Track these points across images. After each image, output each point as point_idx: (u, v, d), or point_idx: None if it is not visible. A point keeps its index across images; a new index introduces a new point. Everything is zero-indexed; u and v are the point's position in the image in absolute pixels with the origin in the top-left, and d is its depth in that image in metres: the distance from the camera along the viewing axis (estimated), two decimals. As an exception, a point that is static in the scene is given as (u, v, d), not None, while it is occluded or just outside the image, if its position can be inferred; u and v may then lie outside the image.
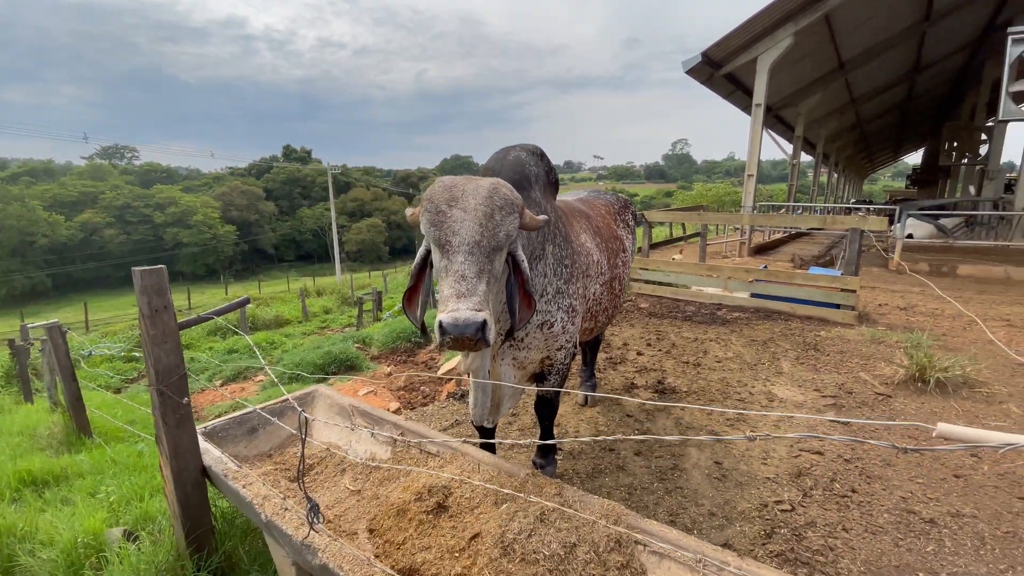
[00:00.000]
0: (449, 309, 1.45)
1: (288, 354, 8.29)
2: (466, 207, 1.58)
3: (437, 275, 1.62)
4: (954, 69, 18.27)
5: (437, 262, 1.61)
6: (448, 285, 1.51)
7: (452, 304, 1.46)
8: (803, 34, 9.89)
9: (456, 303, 1.45)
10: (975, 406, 3.43)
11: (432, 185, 1.69)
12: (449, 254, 1.55)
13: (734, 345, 4.89)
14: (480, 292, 1.52)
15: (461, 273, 1.51)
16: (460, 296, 1.47)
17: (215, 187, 58.38)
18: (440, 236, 1.57)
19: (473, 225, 1.56)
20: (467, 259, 1.53)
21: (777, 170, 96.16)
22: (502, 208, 1.62)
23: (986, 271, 8.43)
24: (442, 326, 1.43)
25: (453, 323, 1.42)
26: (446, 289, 1.50)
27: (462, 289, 1.49)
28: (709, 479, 2.65)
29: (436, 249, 1.61)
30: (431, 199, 1.62)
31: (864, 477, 2.63)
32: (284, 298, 28.49)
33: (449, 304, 1.46)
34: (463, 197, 1.61)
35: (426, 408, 3.92)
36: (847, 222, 5.90)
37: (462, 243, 1.54)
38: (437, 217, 1.58)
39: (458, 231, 1.55)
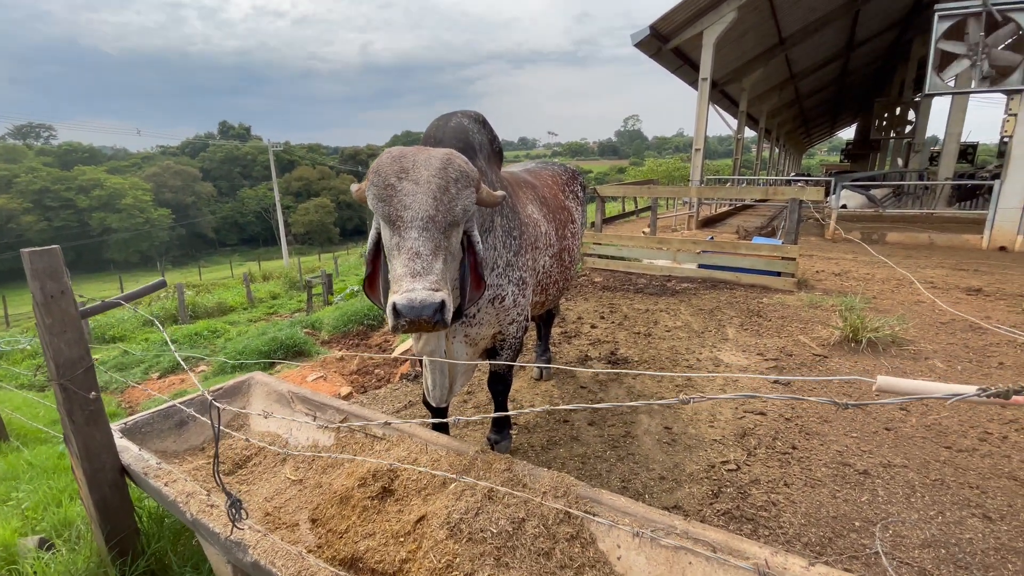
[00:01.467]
0: (403, 290, 1.34)
1: (232, 342, 7.90)
2: (418, 179, 1.46)
3: (388, 253, 1.49)
4: (885, 46, 19.19)
5: (387, 240, 1.48)
6: (401, 264, 1.39)
7: (407, 284, 1.35)
8: (746, 8, 10.05)
9: (411, 283, 1.35)
10: (903, 363, 3.65)
11: (379, 157, 1.55)
12: (401, 230, 1.43)
13: (683, 314, 5.01)
14: (437, 270, 1.41)
15: (415, 250, 1.40)
16: (415, 275, 1.36)
17: (145, 167, 54.44)
18: (390, 211, 1.44)
19: (426, 198, 1.44)
20: (421, 235, 1.42)
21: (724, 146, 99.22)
22: (457, 180, 1.51)
23: (912, 238, 9.01)
24: (396, 308, 1.32)
25: (408, 305, 1.31)
26: (399, 268, 1.39)
27: (417, 268, 1.38)
28: (660, 444, 2.70)
29: (386, 226, 1.48)
30: (378, 171, 1.48)
31: (803, 434, 2.75)
32: (228, 284, 27.18)
33: (403, 284, 1.35)
34: (414, 168, 1.48)
35: (379, 391, 3.81)
36: (787, 193, 6.11)
37: (415, 218, 1.43)
38: (386, 191, 1.45)
39: (410, 205, 1.43)
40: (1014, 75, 7.29)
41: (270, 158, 34.11)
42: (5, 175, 42.84)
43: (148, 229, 46.66)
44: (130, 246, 45.99)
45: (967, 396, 0.75)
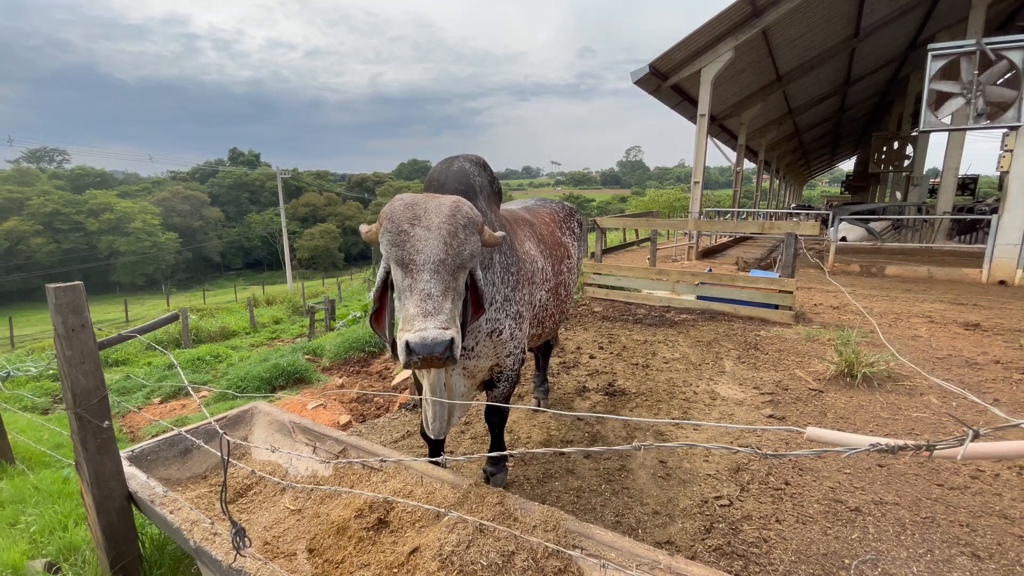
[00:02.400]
0: (416, 328, 1.43)
1: (234, 368, 7.95)
2: (429, 225, 1.57)
3: (399, 295, 1.59)
4: (882, 82, 19.66)
5: (399, 281, 1.58)
6: (414, 304, 1.49)
7: (419, 323, 1.44)
8: (743, 48, 10.40)
9: (423, 322, 1.44)
10: (899, 399, 3.69)
11: (391, 203, 1.66)
12: (413, 273, 1.53)
13: (681, 346, 5.06)
14: (446, 310, 1.51)
15: (427, 292, 1.50)
16: (427, 315, 1.46)
17: (155, 192, 55.47)
18: (403, 255, 1.54)
19: (437, 243, 1.55)
20: (432, 277, 1.52)
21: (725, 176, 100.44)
22: (465, 227, 1.62)
23: (912, 271, 9.08)
24: (409, 346, 1.42)
25: (421, 343, 1.41)
26: (412, 308, 1.49)
27: (428, 308, 1.47)
28: (654, 478, 2.73)
29: (398, 268, 1.58)
30: (391, 218, 1.59)
31: (797, 470, 2.78)
32: (231, 308, 27.33)
33: (415, 323, 1.45)
34: (425, 215, 1.59)
35: (377, 420, 3.85)
36: (783, 227, 6.23)
37: (426, 261, 1.53)
38: (399, 237, 1.55)
39: (422, 249, 1.54)
40: (1009, 112, 7.49)
41: (278, 184, 34.76)
42: (17, 198, 43.70)
43: (155, 252, 47.23)
44: (137, 269, 46.46)
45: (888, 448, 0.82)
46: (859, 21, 12.45)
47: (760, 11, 9.60)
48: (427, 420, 2.21)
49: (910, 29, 14.29)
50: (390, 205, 1.66)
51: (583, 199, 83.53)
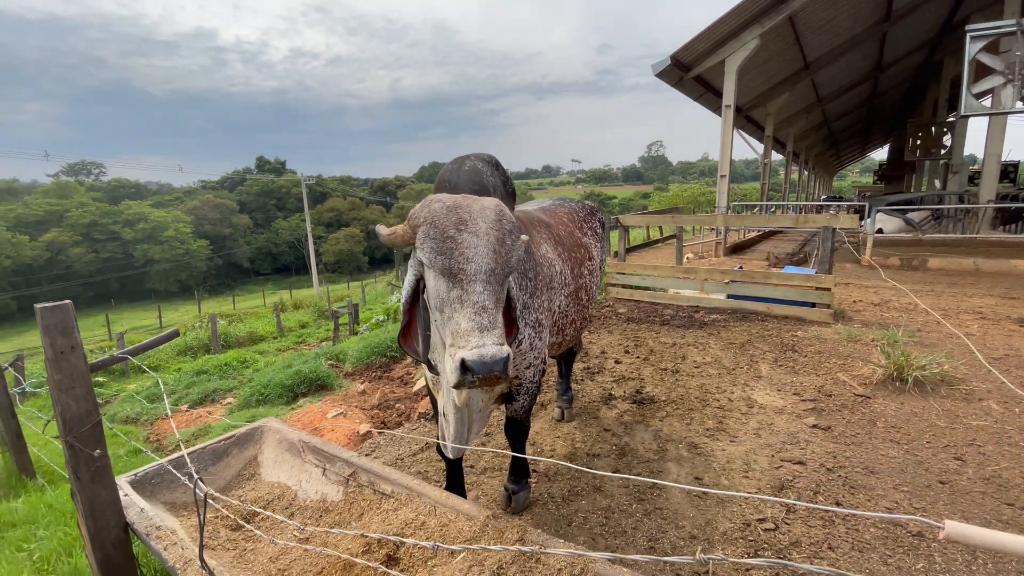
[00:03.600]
0: (473, 345, 1.31)
1: (259, 374, 7.98)
2: (477, 231, 1.45)
3: (440, 305, 1.45)
4: (915, 67, 18.79)
5: (443, 291, 1.44)
6: (467, 318, 1.36)
7: (475, 339, 1.33)
8: (769, 35, 10.00)
9: (480, 337, 1.33)
10: (955, 404, 3.39)
11: (427, 206, 1.51)
12: (464, 283, 1.40)
13: (712, 349, 4.81)
14: (500, 324, 1.41)
15: (481, 304, 1.38)
16: (483, 330, 1.34)
17: (187, 201, 57.08)
18: (451, 264, 1.41)
19: (487, 251, 1.44)
20: (485, 288, 1.40)
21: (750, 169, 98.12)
22: (511, 232, 1.51)
23: (956, 263, 8.57)
24: (467, 364, 1.30)
25: (480, 360, 1.29)
26: (464, 322, 1.36)
27: (484, 322, 1.36)
28: (689, 497, 2.53)
29: (443, 278, 1.43)
30: (433, 223, 1.45)
31: (848, 487, 2.54)
32: (259, 313, 27.87)
33: (471, 339, 1.33)
34: (471, 220, 1.46)
35: (396, 431, 3.73)
36: (819, 220, 5.89)
37: (478, 271, 1.41)
38: (445, 244, 1.42)
39: (472, 258, 1.42)
40: (1058, 94, 6.97)
41: (303, 190, 35.31)
42: (57, 210, 45.52)
43: (188, 260, 48.60)
44: (170, 276, 47.89)
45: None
46: (890, 4, 11.87)
47: (787, -4, 9.21)
48: (444, 438, 2.07)
49: (943, 11, 13.58)
50: (427, 208, 1.51)
51: (604, 196, 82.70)
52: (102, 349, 19.07)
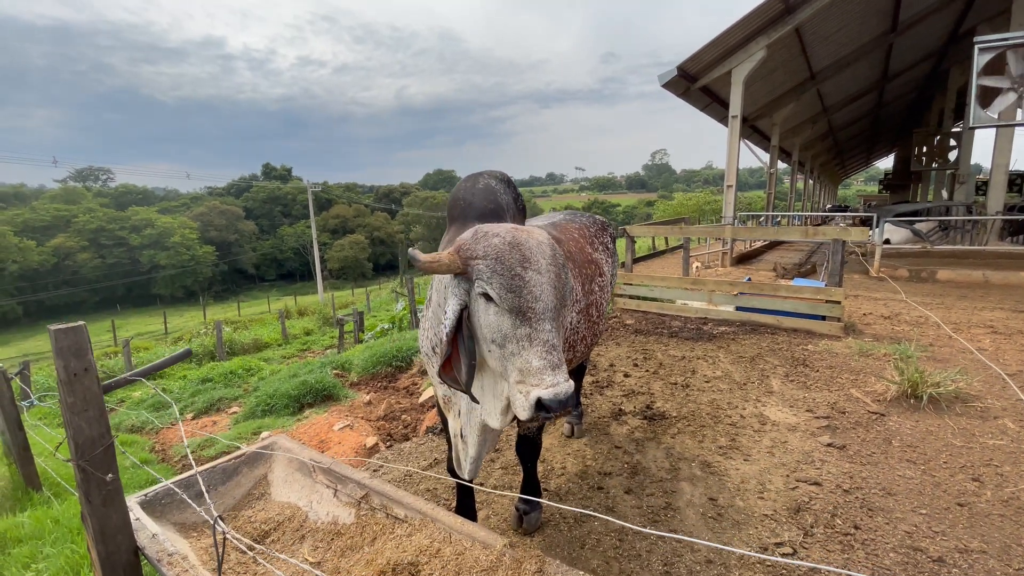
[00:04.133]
0: (547, 384, 1.37)
1: (264, 383, 7.97)
2: (540, 269, 1.50)
3: (502, 340, 1.47)
4: (921, 77, 18.79)
5: (507, 328, 1.46)
6: (538, 356, 1.41)
7: (549, 377, 1.38)
8: (775, 47, 10.02)
9: (553, 376, 1.38)
10: (971, 423, 3.33)
11: (484, 240, 1.52)
12: (533, 321, 1.44)
13: (722, 363, 4.77)
14: (564, 359, 1.47)
15: (551, 343, 1.43)
16: (555, 368, 1.40)
17: (193, 208, 57.46)
18: (521, 303, 1.45)
19: (550, 289, 1.49)
20: (551, 326, 1.46)
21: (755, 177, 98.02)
22: (564, 266, 1.58)
23: (965, 275, 8.50)
24: (544, 403, 1.36)
25: (556, 399, 1.36)
26: (536, 361, 1.41)
27: (554, 360, 1.41)
28: (704, 519, 2.49)
29: (509, 314, 1.46)
30: (501, 259, 1.48)
31: (866, 510, 2.49)
32: (264, 319, 27.94)
33: (545, 378, 1.38)
34: (533, 257, 1.51)
35: (404, 445, 3.70)
36: (829, 233, 5.86)
37: (546, 309, 1.46)
38: (514, 282, 1.46)
39: (540, 296, 1.46)
40: (1069, 106, 6.93)
41: (308, 197, 35.53)
42: (65, 215, 45.90)
43: (193, 266, 48.85)
44: (176, 282, 48.12)
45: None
46: (896, 15, 11.87)
47: (793, 8, 9.23)
48: (459, 460, 2.04)
49: (950, 22, 13.58)
50: (485, 241, 1.52)
51: (608, 204, 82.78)
52: (107, 355, 19.13)
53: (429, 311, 1.97)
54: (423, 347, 2.01)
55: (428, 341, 1.96)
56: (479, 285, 1.48)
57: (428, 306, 2.05)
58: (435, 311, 1.85)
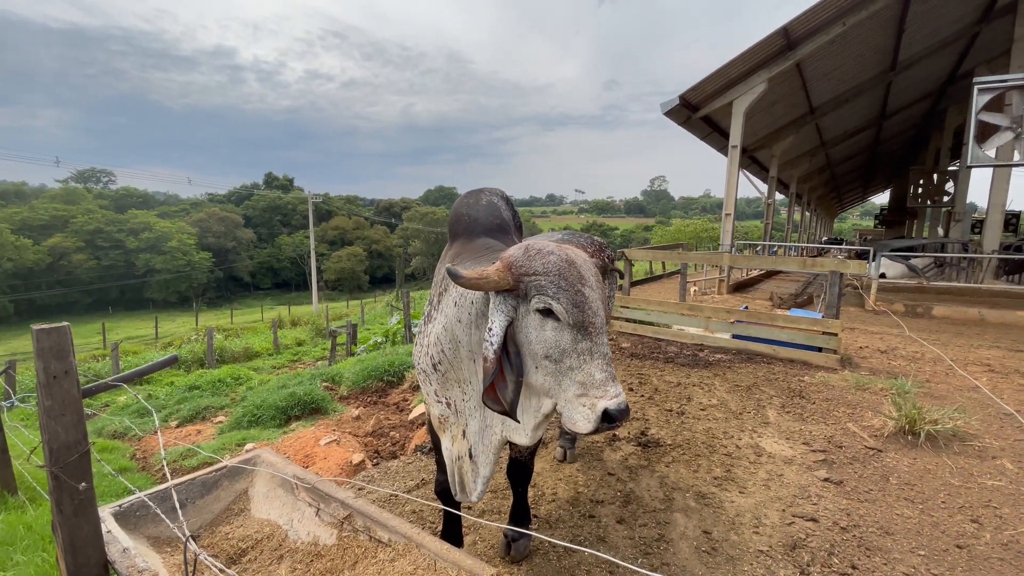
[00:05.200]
0: (611, 395, 1.43)
1: (252, 393, 7.85)
2: (592, 285, 1.56)
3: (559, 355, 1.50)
4: (919, 115, 19.15)
5: (567, 343, 1.50)
6: (600, 368, 1.47)
7: (612, 388, 1.44)
8: (776, 80, 10.21)
9: (615, 387, 1.45)
10: (969, 462, 3.28)
11: (540, 257, 1.54)
12: (592, 336, 1.49)
13: (718, 391, 4.72)
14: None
15: (608, 355, 1.50)
16: (614, 379, 1.46)
17: (193, 213, 57.49)
18: (583, 318, 1.49)
19: (602, 303, 1.57)
20: (607, 339, 1.52)
21: (752, 207, 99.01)
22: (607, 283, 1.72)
23: (961, 312, 8.52)
24: (610, 414, 1.42)
25: (620, 409, 1.42)
26: (598, 373, 1.46)
27: (613, 371, 1.48)
28: (698, 552, 2.41)
29: (570, 330, 1.50)
30: (563, 276, 1.52)
31: (863, 549, 2.42)
32: (256, 328, 27.71)
33: (608, 389, 1.44)
34: (587, 274, 1.56)
35: (391, 464, 3.61)
36: (827, 265, 5.87)
37: (602, 324, 1.53)
38: (578, 298, 1.50)
39: (598, 311, 1.52)
40: (1064, 150, 7.05)
41: (309, 207, 35.62)
42: (63, 215, 45.79)
43: (189, 271, 48.64)
44: (170, 287, 47.84)
45: None
46: (896, 54, 12.16)
47: (794, 44, 9.43)
48: (462, 483, 1.98)
49: (949, 63, 13.92)
50: (543, 259, 1.54)
51: (607, 227, 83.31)
52: (95, 358, 18.88)
53: (434, 326, 1.92)
54: (421, 363, 1.96)
55: (428, 357, 1.91)
56: (540, 301, 1.50)
57: (428, 321, 2.00)
58: (450, 325, 1.80)
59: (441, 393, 1.95)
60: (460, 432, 1.93)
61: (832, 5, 8.66)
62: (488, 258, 1.91)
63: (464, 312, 1.74)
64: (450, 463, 1.98)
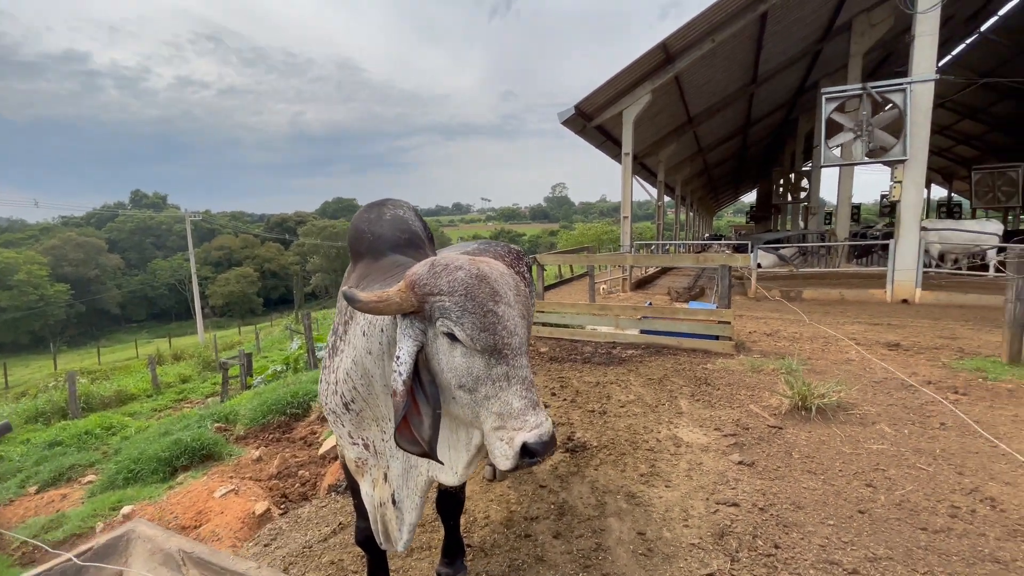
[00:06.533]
0: (531, 426, 1.25)
1: (128, 443, 6.81)
2: (509, 301, 1.36)
3: (473, 384, 1.31)
4: (776, 124, 21.73)
5: (481, 370, 1.30)
6: (518, 396, 1.28)
7: (532, 417, 1.26)
8: (659, 92, 10.98)
9: (536, 415, 1.26)
10: (855, 430, 3.64)
11: (446, 274, 1.34)
12: (509, 359, 1.31)
13: (633, 386, 4.86)
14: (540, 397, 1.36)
15: (529, 380, 1.32)
16: (536, 407, 1.28)
17: (43, 240, 49.57)
18: (496, 341, 1.30)
19: (521, 321, 1.37)
20: (527, 361, 1.34)
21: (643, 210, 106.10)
22: (528, 294, 1.47)
23: (825, 294, 9.68)
24: (530, 448, 1.23)
25: (541, 442, 1.24)
26: (516, 401, 1.27)
27: (534, 398, 1.30)
28: (635, 556, 2.39)
29: (482, 355, 1.30)
30: (469, 295, 1.31)
31: (782, 527, 2.55)
32: (131, 367, 24.48)
33: (528, 418, 1.25)
34: (502, 290, 1.37)
35: (302, 509, 3.24)
36: (716, 260, 6.37)
37: (521, 344, 1.34)
38: (487, 319, 1.30)
39: (514, 331, 1.33)
40: (896, 147, 8.28)
41: (187, 227, 32.19)
42: None
43: (42, 307, 41.72)
44: (20, 327, 40.70)
45: None
46: (756, 69, 13.66)
47: (673, 58, 10.20)
48: (385, 531, 1.75)
49: (798, 76, 15.94)
50: (448, 276, 1.34)
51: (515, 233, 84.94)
52: (-89, 422, 15.41)
53: (342, 360, 1.68)
54: (329, 404, 1.72)
55: (338, 396, 1.67)
56: (444, 324, 1.31)
57: (334, 354, 1.76)
58: (360, 358, 1.57)
59: (356, 435, 1.73)
60: (381, 476, 1.71)
61: (703, 22, 9.49)
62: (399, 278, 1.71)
63: (374, 342, 1.52)
64: (372, 510, 1.76)
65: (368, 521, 1.94)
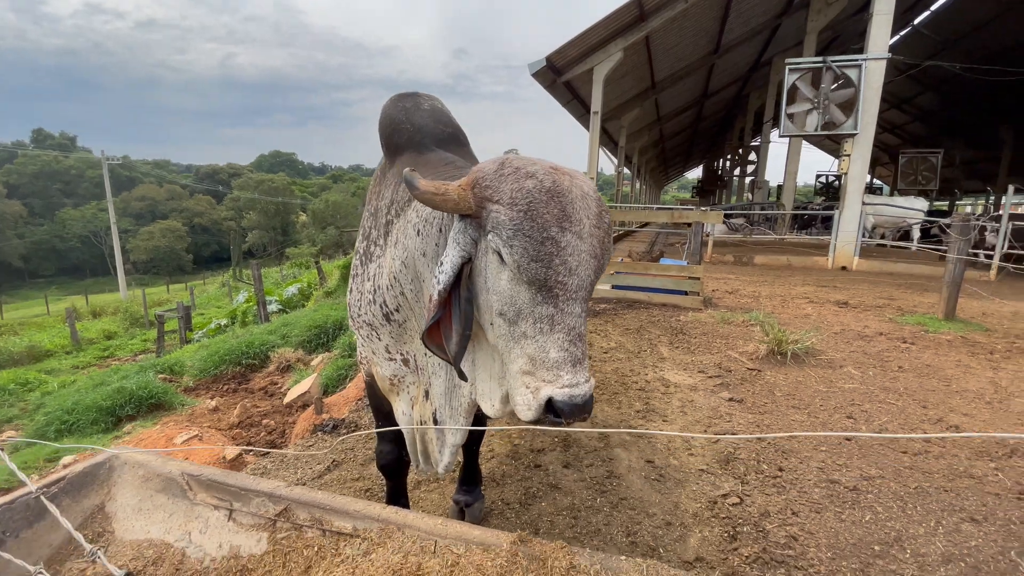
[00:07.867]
0: (564, 382, 1.03)
1: (54, 397, 6.16)
2: (581, 232, 1.07)
3: (514, 315, 1.08)
4: (730, 98, 22.25)
5: (524, 302, 1.07)
6: (558, 346, 1.05)
7: (567, 375, 1.03)
8: (630, 50, 10.84)
9: (573, 374, 1.03)
10: (826, 372, 3.83)
11: (513, 179, 1.07)
12: (560, 300, 1.05)
13: (613, 335, 4.89)
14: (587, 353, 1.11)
15: (578, 331, 1.07)
16: (577, 363, 1.05)
17: (-80, 181, 43.30)
18: (547, 275, 1.04)
19: (590, 260, 1.08)
20: (582, 309, 1.09)
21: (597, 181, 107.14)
22: (610, 230, 1.15)
23: (774, 260, 10.18)
24: (556, 406, 1.03)
25: (571, 403, 1.02)
26: (554, 351, 1.04)
27: (578, 353, 1.06)
28: (648, 482, 2.39)
29: (528, 286, 1.06)
30: (530, 212, 1.03)
31: (781, 453, 2.64)
32: (42, 323, 22.29)
33: (563, 374, 1.03)
34: (575, 213, 1.07)
35: (286, 451, 3.02)
36: (691, 216, 6.47)
37: (580, 287, 1.07)
38: (543, 248, 1.03)
39: (575, 269, 1.05)
40: (848, 121, 8.65)
41: (104, 173, 29.08)
42: None
43: (-78, 258, 36.88)
44: None
45: None
46: (720, 38, 13.80)
47: (647, 15, 10.06)
48: (422, 453, 1.61)
49: (755, 51, 16.28)
50: (514, 182, 1.06)
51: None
52: None
53: (384, 265, 1.48)
54: (366, 315, 1.53)
55: (379, 306, 1.49)
56: (494, 240, 1.06)
57: (369, 260, 1.56)
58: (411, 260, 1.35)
59: (396, 348, 1.55)
60: (422, 393, 1.55)
61: (677, -20, 9.37)
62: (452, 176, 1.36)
63: (430, 243, 1.29)
64: (408, 431, 1.61)
65: (391, 444, 1.79)
